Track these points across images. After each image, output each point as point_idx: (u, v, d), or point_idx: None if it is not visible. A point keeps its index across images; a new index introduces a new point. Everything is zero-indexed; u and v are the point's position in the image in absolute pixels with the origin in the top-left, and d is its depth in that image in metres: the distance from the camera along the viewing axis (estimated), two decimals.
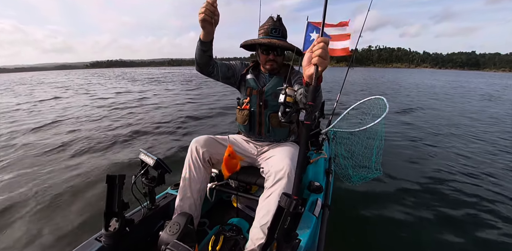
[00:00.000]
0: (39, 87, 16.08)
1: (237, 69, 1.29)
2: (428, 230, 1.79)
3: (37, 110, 6.84)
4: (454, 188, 2.40)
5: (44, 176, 2.59)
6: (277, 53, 1.17)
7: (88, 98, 9.25)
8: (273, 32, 1.13)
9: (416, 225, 1.86)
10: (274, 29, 1.13)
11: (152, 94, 10.55)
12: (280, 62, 1.22)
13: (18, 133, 4.33)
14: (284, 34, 1.15)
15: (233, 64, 1.30)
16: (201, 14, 0.88)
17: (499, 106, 7.83)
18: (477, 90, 13.94)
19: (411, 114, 6.17)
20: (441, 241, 1.69)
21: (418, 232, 1.77)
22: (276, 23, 1.14)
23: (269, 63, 1.19)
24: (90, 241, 0.92)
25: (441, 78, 30.17)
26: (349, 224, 1.83)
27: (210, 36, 0.98)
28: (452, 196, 2.26)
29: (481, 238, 1.72)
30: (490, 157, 3.23)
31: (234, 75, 1.28)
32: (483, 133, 4.45)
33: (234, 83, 1.31)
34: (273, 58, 1.18)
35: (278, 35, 1.14)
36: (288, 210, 0.74)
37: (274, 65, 1.20)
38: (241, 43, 1.24)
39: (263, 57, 1.20)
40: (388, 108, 1.94)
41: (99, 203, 2.04)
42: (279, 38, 1.14)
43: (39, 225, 1.81)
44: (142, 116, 5.78)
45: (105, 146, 3.54)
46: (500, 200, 2.19)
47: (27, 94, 11.40)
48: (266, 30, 1.15)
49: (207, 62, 1.10)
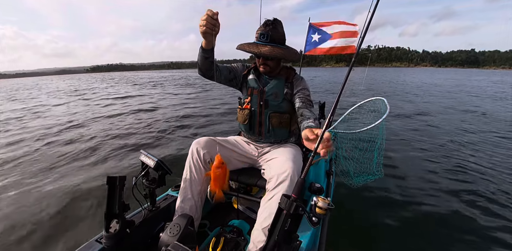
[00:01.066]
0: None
1: (239, 71, 1.32)
2: (429, 233, 1.78)
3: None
4: (457, 190, 2.38)
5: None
6: (266, 58, 1.18)
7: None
8: (261, 38, 1.14)
9: (417, 227, 1.84)
10: (262, 35, 1.13)
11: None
12: (273, 66, 1.22)
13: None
14: (274, 39, 1.13)
15: (235, 66, 1.32)
16: (201, 26, 0.89)
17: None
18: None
19: (425, 116, 6.09)
20: (443, 243, 1.68)
21: (418, 233, 1.76)
22: (266, 28, 1.13)
23: (261, 66, 1.22)
24: (90, 243, 0.92)
25: (453, 76, 28.39)
26: (350, 225, 1.83)
27: (211, 44, 1.00)
28: (456, 198, 2.24)
29: (484, 240, 1.71)
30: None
31: (236, 77, 1.30)
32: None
33: (236, 84, 1.33)
34: (263, 62, 1.19)
35: (266, 40, 1.13)
36: (288, 212, 0.74)
37: (266, 68, 1.21)
38: (236, 47, 1.27)
39: (256, 60, 1.23)
40: (388, 109, 1.94)
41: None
42: (266, 43, 1.13)
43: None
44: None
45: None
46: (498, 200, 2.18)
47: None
48: (256, 35, 1.17)
49: (209, 67, 1.12)
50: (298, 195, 0.78)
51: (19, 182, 2.58)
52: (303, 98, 1.19)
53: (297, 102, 1.20)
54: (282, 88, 1.24)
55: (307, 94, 1.22)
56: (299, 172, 1.06)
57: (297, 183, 0.82)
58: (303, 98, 1.19)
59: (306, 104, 1.17)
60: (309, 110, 1.15)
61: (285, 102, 1.24)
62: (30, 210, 2.05)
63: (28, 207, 2.09)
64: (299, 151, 1.28)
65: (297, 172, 1.04)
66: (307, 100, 1.19)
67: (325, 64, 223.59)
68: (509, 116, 5.89)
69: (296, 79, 1.27)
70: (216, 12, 0.87)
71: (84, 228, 1.82)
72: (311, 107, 1.18)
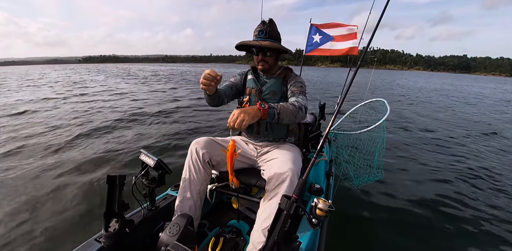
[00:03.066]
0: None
1: (238, 81, 1.36)
2: (430, 234, 1.78)
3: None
4: (460, 192, 2.38)
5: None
6: (264, 54, 1.21)
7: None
8: (260, 34, 1.19)
9: (417, 228, 1.84)
10: (261, 31, 1.18)
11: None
12: (272, 63, 1.25)
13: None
14: (272, 35, 1.19)
15: (233, 81, 1.35)
16: (203, 86, 0.96)
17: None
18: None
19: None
20: (444, 244, 1.68)
21: (419, 235, 1.76)
22: (264, 26, 1.19)
23: (260, 63, 1.24)
24: (89, 242, 0.92)
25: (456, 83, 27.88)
26: (350, 226, 1.82)
27: (213, 91, 1.04)
28: (457, 200, 2.24)
29: (487, 240, 1.70)
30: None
31: (238, 88, 1.35)
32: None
33: (240, 93, 1.37)
34: (262, 58, 1.22)
35: (265, 36, 1.18)
36: (288, 213, 0.74)
37: (265, 65, 1.24)
38: (235, 45, 1.30)
39: (255, 57, 1.25)
40: (389, 110, 1.94)
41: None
42: (265, 39, 1.18)
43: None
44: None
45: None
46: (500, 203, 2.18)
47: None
48: (255, 33, 1.21)
49: (216, 103, 1.20)
50: (298, 195, 0.77)
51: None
52: (294, 89, 1.22)
53: (288, 93, 1.24)
54: (280, 87, 1.26)
55: (298, 85, 1.24)
56: (298, 173, 1.06)
57: (298, 184, 0.82)
58: (294, 89, 1.22)
59: (295, 93, 1.20)
60: (296, 97, 1.17)
61: (282, 100, 1.26)
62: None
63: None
64: (299, 152, 1.29)
65: (296, 173, 1.04)
66: (297, 91, 1.21)
67: (320, 63, 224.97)
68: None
69: (291, 76, 1.30)
70: (211, 71, 0.93)
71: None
72: (299, 95, 1.19)
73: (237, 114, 0.88)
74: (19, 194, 2.17)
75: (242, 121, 0.86)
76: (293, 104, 1.06)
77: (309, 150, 1.65)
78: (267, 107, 0.96)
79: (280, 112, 0.99)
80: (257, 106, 0.95)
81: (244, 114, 0.88)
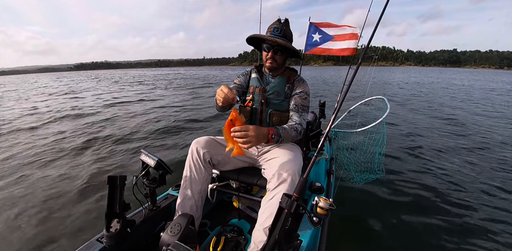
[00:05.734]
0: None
1: (242, 82, 1.36)
2: (431, 233, 1.78)
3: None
4: (461, 191, 2.36)
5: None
6: (275, 52, 1.20)
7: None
8: (274, 31, 1.18)
9: (418, 226, 1.84)
10: (276, 29, 1.18)
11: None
12: (280, 62, 1.24)
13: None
14: (286, 35, 1.19)
15: (238, 83, 1.36)
16: (219, 102, 0.98)
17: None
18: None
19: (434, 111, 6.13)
20: (444, 244, 1.67)
21: (420, 233, 1.76)
22: (280, 24, 1.19)
23: (269, 60, 1.23)
24: (91, 242, 0.92)
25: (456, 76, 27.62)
26: (351, 224, 1.82)
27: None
28: (458, 200, 2.22)
29: (486, 240, 1.70)
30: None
31: (244, 90, 1.35)
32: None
33: (245, 92, 1.37)
34: (272, 56, 1.21)
35: (280, 34, 1.17)
36: (289, 211, 0.74)
37: (273, 64, 1.23)
38: (247, 37, 1.30)
39: (264, 54, 1.25)
40: (389, 108, 1.94)
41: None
42: (279, 37, 1.17)
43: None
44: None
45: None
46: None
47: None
48: (269, 29, 1.21)
49: (226, 109, 1.23)
50: (299, 194, 0.77)
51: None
52: (298, 102, 1.23)
53: (292, 104, 1.24)
54: (284, 88, 1.26)
55: (303, 97, 1.24)
56: (299, 171, 1.06)
57: (299, 183, 0.82)
58: (298, 102, 1.23)
59: (298, 108, 1.22)
60: (299, 115, 1.20)
61: (286, 101, 1.25)
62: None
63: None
64: (299, 151, 1.29)
65: (297, 171, 1.04)
66: (301, 104, 1.22)
67: (313, 62, 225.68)
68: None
69: (298, 81, 1.29)
70: (228, 92, 0.93)
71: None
72: (302, 112, 1.22)
73: (246, 134, 0.89)
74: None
75: (246, 143, 0.90)
76: (295, 130, 1.13)
77: (309, 149, 1.65)
78: (276, 138, 1.03)
79: (283, 139, 1.08)
80: (269, 135, 1.00)
81: (253, 139, 0.90)
